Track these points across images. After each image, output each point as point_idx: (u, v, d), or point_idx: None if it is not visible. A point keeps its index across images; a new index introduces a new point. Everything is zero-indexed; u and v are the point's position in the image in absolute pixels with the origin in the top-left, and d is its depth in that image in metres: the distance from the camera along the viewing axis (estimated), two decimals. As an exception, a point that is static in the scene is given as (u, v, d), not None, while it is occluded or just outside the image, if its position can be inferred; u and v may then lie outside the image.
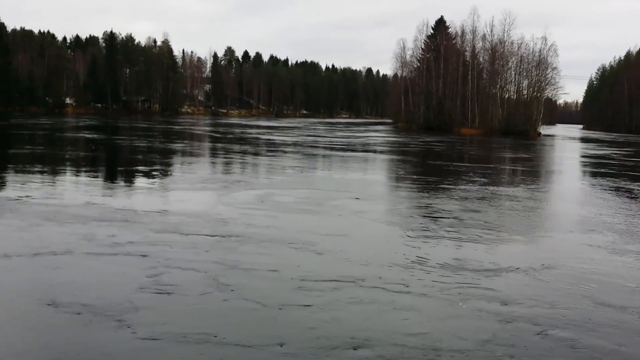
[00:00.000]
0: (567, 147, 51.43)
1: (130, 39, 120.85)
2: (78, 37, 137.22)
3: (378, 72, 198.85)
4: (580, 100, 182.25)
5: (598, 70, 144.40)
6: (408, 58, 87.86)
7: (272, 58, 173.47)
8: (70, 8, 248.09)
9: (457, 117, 75.47)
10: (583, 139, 69.37)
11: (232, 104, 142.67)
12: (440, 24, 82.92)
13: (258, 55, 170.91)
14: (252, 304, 5.95)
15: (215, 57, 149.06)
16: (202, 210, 10.74)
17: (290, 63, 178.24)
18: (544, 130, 79.72)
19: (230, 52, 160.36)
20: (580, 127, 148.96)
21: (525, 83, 78.20)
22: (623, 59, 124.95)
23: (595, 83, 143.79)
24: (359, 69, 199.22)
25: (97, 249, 7.80)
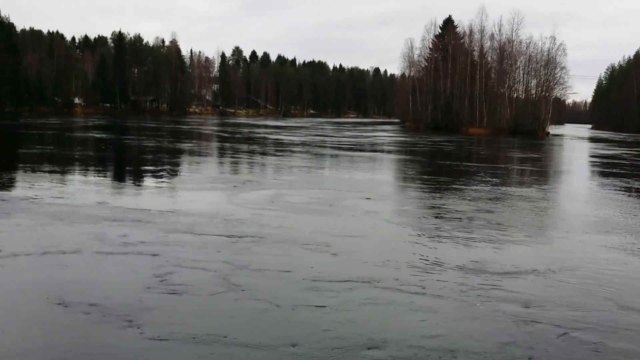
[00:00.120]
0: (576, 147, 51.08)
1: (139, 39, 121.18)
2: (87, 37, 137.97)
3: (385, 71, 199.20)
4: (589, 100, 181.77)
5: (607, 70, 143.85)
6: (416, 57, 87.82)
7: (279, 58, 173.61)
8: (79, 8, 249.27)
9: (465, 116, 75.22)
10: (592, 139, 68.96)
11: (239, 104, 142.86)
12: (448, 24, 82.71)
13: (265, 55, 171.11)
14: (264, 304, 5.86)
15: (223, 57, 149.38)
16: (213, 211, 10.66)
17: (298, 63, 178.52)
18: (553, 130, 79.39)
19: (238, 51, 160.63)
20: (589, 126, 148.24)
21: (534, 82, 77.93)
22: (632, 59, 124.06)
23: (605, 82, 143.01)
24: (367, 69, 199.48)
25: (107, 249, 7.74)
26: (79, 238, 8.24)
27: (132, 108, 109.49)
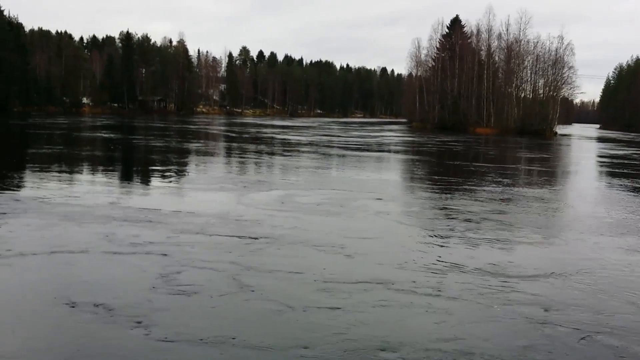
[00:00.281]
0: (585, 147, 50.78)
1: (146, 39, 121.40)
2: (95, 37, 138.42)
3: (392, 71, 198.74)
4: (597, 100, 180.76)
5: (615, 69, 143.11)
6: (423, 57, 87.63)
7: (286, 57, 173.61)
8: (88, 9, 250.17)
9: (472, 116, 74.98)
10: (601, 139, 68.61)
11: (246, 104, 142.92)
12: (456, 23, 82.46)
13: (273, 55, 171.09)
14: (275, 305, 5.78)
15: (230, 56, 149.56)
16: (224, 211, 10.62)
17: (305, 62, 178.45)
18: (560, 130, 79.02)
19: (245, 51, 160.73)
20: (597, 126, 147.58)
21: (541, 82, 77.61)
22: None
23: (613, 82, 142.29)
24: (374, 69, 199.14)
25: (117, 248, 7.72)
26: (89, 238, 8.21)
27: (139, 108, 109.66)
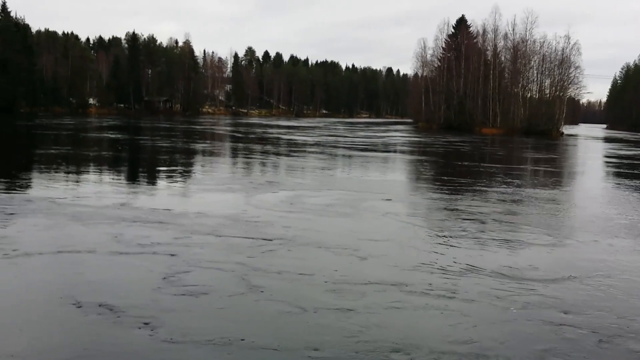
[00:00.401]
0: (593, 147, 50.56)
1: (152, 40, 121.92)
2: (101, 38, 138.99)
3: (398, 71, 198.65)
4: (604, 100, 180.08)
5: (622, 69, 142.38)
6: (429, 57, 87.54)
7: (292, 58, 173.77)
8: (94, 10, 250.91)
9: (478, 116, 74.82)
10: (608, 139, 68.34)
11: (252, 104, 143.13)
12: (462, 23, 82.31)
13: (278, 55, 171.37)
14: (285, 307, 5.73)
15: (236, 57, 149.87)
16: (233, 212, 10.59)
17: (311, 63, 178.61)
18: (567, 130, 78.83)
19: (251, 52, 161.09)
20: (604, 126, 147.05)
21: (548, 82, 77.37)
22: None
23: (619, 82, 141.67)
24: (379, 69, 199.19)
25: (126, 249, 7.71)
26: (99, 238, 8.22)
27: (145, 108, 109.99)
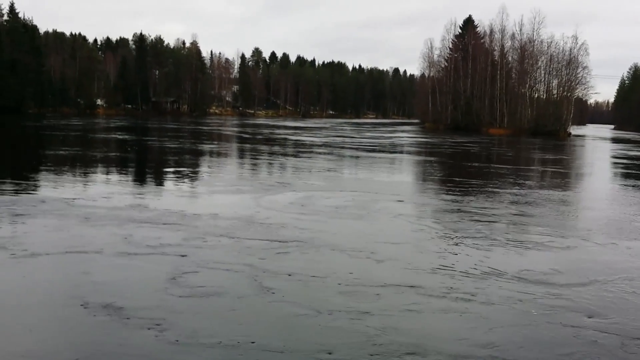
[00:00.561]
0: (602, 148, 50.30)
1: (160, 41, 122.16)
2: (108, 39, 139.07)
3: (405, 72, 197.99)
4: (612, 100, 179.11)
5: (630, 69, 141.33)
6: (435, 58, 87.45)
7: (299, 58, 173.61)
8: (101, 11, 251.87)
9: (485, 117, 74.63)
10: (616, 140, 67.95)
11: (259, 105, 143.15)
12: (469, 23, 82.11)
13: (285, 56, 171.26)
14: (299, 309, 5.68)
15: (243, 58, 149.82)
16: (246, 214, 10.60)
17: (317, 63, 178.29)
18: (574, 131, 78.41)
19: (258, 53, 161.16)
20: (612, 127, 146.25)
21: (555, 82, 77.07)
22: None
23: (627, 82, 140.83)
24: (386, 69, 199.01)
25: (137, 250, 7.72)
26: (109, 239, 8.26)
27: (153, 109, 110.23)
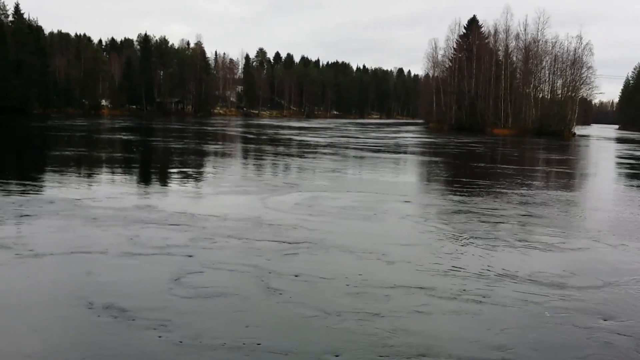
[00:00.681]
0: (607, 148, 50.10)
1: (164, 41, 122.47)
2: (113, 39, 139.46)
3: (409, 72, 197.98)
4: (616, 100, 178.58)
5: (635, 69, 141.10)
6: (440, 58, 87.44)
7: (303, 59, 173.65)
8: (106, 12, 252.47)
9: (489, 117, 74.56)
10: (621, 140, 67.67)
11: (263, 105, 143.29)
12: (473, 23, 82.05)
13: (289, 56, 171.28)
14: (307, 310, 5.64)
15: (247, 58, 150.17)
16: (254, 214, 10.58)
17: (321, 64, 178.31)
18: (579, 131, 78.05)
19: (262, 53, 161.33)
20: (616, 127, 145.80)
21: (560, 82, 76.93)
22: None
23: (632, 82, 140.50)
24: (390, 69, 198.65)
25: (143, 250, 7.74)
26: (115, 240, 8.28)
27: (157, 110, 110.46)
